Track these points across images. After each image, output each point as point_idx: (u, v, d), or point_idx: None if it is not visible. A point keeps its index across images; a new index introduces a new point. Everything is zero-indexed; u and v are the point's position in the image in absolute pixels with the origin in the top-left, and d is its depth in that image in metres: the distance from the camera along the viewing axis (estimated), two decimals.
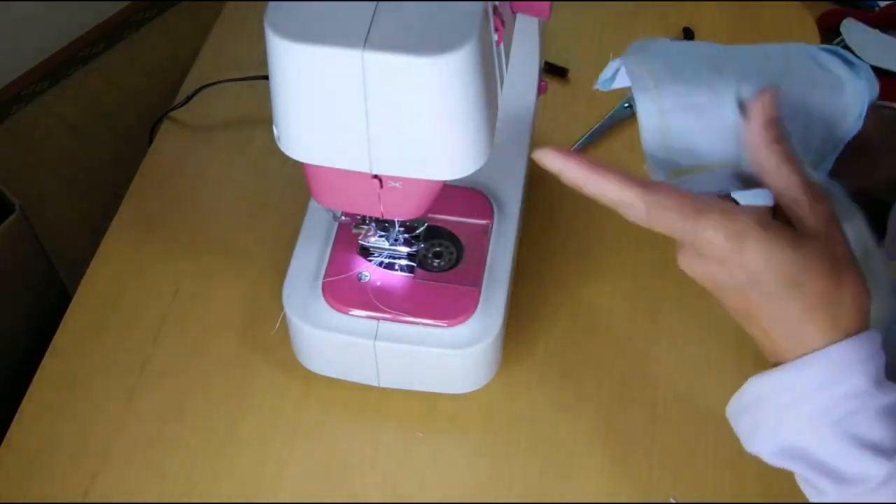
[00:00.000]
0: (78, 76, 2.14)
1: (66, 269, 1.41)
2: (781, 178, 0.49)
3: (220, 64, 0.97)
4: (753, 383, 0.50)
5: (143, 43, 2.22)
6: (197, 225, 0.85)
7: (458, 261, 0.72)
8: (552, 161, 0.50)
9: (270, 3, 0.52)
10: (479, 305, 0.69)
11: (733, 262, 0.48)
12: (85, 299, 0.80)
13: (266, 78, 0.54)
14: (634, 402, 0.74)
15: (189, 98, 0.93)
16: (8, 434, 0.72)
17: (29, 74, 2.11)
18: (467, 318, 0.69)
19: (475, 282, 0.70)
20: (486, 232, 0.74)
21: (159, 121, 0.93)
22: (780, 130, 0.50)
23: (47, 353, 0.76)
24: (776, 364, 0.50)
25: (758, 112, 0.50)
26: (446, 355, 0.68)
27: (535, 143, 0.83)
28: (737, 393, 0.52)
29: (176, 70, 1.09)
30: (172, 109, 0.93)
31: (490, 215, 0.74)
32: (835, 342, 0.47)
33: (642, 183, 0.49)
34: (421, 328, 0.68)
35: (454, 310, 0.69)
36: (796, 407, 0.48)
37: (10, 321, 1.26)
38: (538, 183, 0.81)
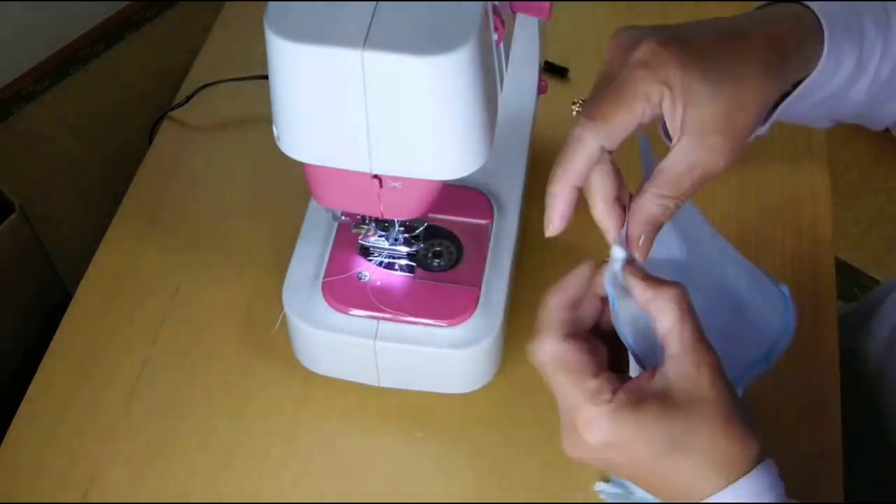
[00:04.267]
0: (78, 76, 2.15)
1: (66, 269, 1.41)
2: (666, 333, 0.48)
3: (220, 64, 0.97)
4: None
5: (143, 43, 2.23)
6: (197, 225, 0.85)
7: (458, 261, 0.72)
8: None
9: (270, 3, 0.52)
10: (479, 305, 0.69)
11: (612, 441, 0.48)
12: (85, 299, 0.80)
13: (266, 78, 0.54)
14: None
15: (189, 98, 0.93)
16: (8, 434, 0.72)
17: (29, 74, 2.11)
18: (467, 317, 0.69)
19: (475, 282, 0.70)
20: (486, 232, 0.74)
21: (159, 121, 0.93)
22: (660, 286, 0.49)
23: (47, 353, 0.76)
24: None
25: (635, 252, 0.51)
26: (446, 355, 0.68)
27: (535, 143, 0.82)
28: None
29: (176, 70, 1.09)
30: (172, 109, 0.93)
31: (490, 215, 0.74)
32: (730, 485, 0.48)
33: (559, 333, 0.50)
34: (421, 328, 0.68)
35: (454, 310, 0.69)
36: None
37: (10, 321, 1.26)
38: (538, 183, 0.81)
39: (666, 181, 0.50)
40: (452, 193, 0.73)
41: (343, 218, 0.70)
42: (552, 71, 0.96)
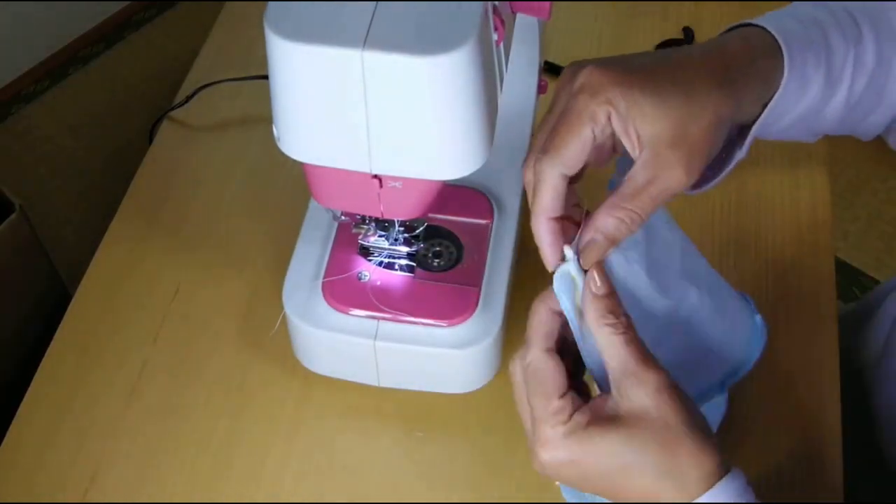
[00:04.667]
0: (78, 76, 2.15)
1: (66, 269, 1.41)
2: (612, 354, 0.50)
3: (220, 64, 0.97)
4: None
5: (143, 43, 2.23)
6: (197, 225, 0.85)
7: (458, 261, 0.72)
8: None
9: (270, 3, 0.52)
10: (479, 305, 0.69)
11: (571, 464, 0.50)
12: (85, 299, 0.80)
13: (266, 78, 0.54)
14: None
15: (189, 98, 0.93)
16: (8, 434, 0.72)
17: (29, 74, 2.11)
18: (467, 317, 0.69)
19: (475, 282, 0.70)
20: (486, 232, 0.74)
21: (159, 121, 0.93)
22: (611, 305, 0.50)
23: (47, 353, 0.76)
24: None
25: (590, 286, 0.51)
26: (446, 355, 0.68)
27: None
28: None
29: (176, 70, 1.09)
30: (172, 109, 0.93)
31: (490, 215, 0.74)
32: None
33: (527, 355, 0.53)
34: (421, 328, 0.68)
35: (454, 310, 0.69)
36: None
37: (10, 321, 1.26)
38: None
39: (622, 193, 0.51)
40: (452, 193, 0.73)
41: (343, 218, 0.70)
42: (552, 71, 0.96)
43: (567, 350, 0.54)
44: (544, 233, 0.52)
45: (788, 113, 0.58)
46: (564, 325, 0.53)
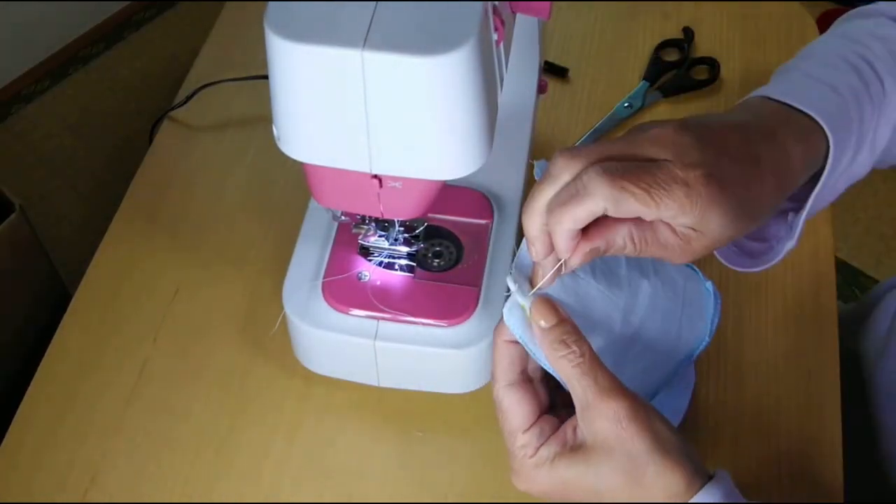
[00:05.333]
0: (78, 76, 2.15)
1: (66, 269, 1.41)
2: (573, 385, 0.50)
3: (220, 64, 0.97)
4: None
5: (143, 43, 2.23)
6: (197, 225, 0.85)
7: (457, 261, 0.72)
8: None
9: (270, 3, 0.52)
10: (479, 305, 0.69)
11: (543, 491, 0.52)
12: (85, 299, 0.80)
13: (266, 78, 0.54)
14: None
15: (189, 98, 0.93)
16: (8, 434, 0.72)
17: (29, 74, 2.11)
18: (467, 317, 0.69)
19: (475, 282, 0.70)
20: (486, 232, 0.74)
21: (159, 121, 0.93)
22: (563, 334, 0.50)
23: (47, 353, 0.76)
24: None
25: (537, 322, 0.51)
26: (446, 355, 0.68)
27: (535, 143, 0.83)
28: None
29: (176, 70, 1.09)
30: (172, 109, 0.93)
31: (490, 215, 0.74)
32: None
33: (511, 381, 0.54)
34: (421, 328, 0.68)
35: (454, 310, 0.69)
36: None
37: (10, 321, 1.26)
38: None
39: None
40: (452, 193, 0.73)
41: (343, 218, 0.70)
42: (552, 71, 0.96)
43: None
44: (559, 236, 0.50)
45: (825, 189, 0.58)
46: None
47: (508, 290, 0.54)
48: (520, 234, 0.76)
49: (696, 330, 0.59)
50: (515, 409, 0.53)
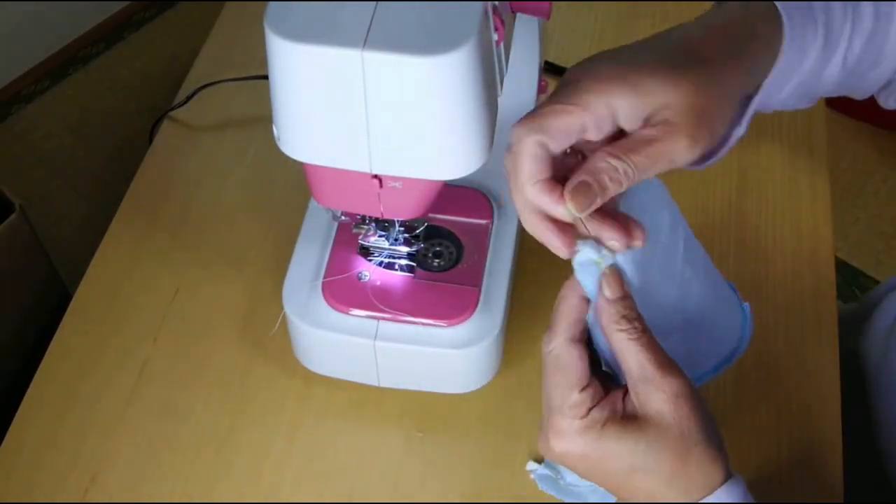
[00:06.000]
0: (78, 76, 2.15)
1: (66, 269, 1.41)
2: (628, 358, 0.49)
3: (220, 64, 0.97)
4: None
5: (143, 43, 2.23)
6: (197, 225, 0.85)
7: (458, 260, 0.72)
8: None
9: (270, 3, 0.52)
10: (479, 305, 0.69)
11: (583, 456, 0.50)
12: (85, 299, 0.80)
13: (266, 78, 0.54)
14: None
15: (189, 98, 0.93)
16: (8, 434, 0.72)
17: (29, 74, 2.11)
18: (467, 317, 0.69)
19: (475, 282, 0.70)
20: (486, 232, 0.74)
21: (159, 121, 0.93)
22: (625, 309, 0.50)
23: (47, 353, 0.76)
24: None
25: (603, 291, 0.51)
26: (446, 355, 0.68)
27: None
28: None
29: (176, 70, 1.09)
30: (172, 109, 0.93)
31: (490, 215, 0.74)
32: None
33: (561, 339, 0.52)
34: (421, 328, 0.68)
35: (454, 310, 0.69)
36: None
37: (10, 321, 1.26)
38: None
39: (621, 144, 0.48)
40: (452, 193, 0.73)
41: (343, 218, 0.70)
42: (552, 71, 0.96)
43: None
44: (531, 221, 0.50)
45: (789, 81, 0.57)
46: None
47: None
48: (520, 234, 0.77)
49: (726, 344, 0.59)
50: (577, 364, 0.51)
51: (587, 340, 0.53)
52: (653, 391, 0.49)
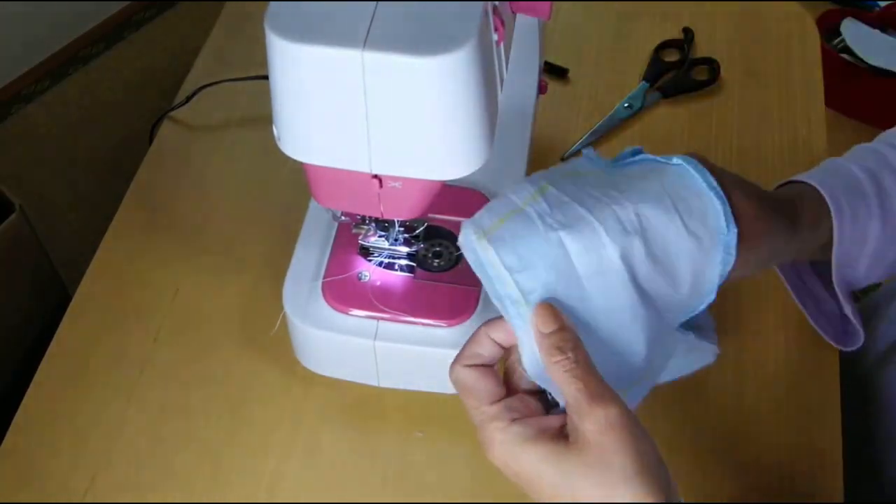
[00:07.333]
0: (78, 76, 2.15)
1: (66, 269, 1.41)
2: (563, 388, 0.50)
3: (220, 64, 0.97)
4: None
5: (143, 43, 2.23)
6: (197, 225, 0.85)
7: (458, 261, 0.72)
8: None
9: (270, 3, 0.52)
10: (480, 305, 0.69)
11: (509, 467, 0.51)
12: (85, 299, 0.80)
13: (266, 78, 0.54)
14: None
15: (189, 98, 0.93)
16: (8, 435, 0.72)
17: (29, 74, 2.11)
18: (467, 318, 0.69)
19: (475, 282, 0.70)
20: None
21: (159, 121, 0.93)
22: (560, 341, 0.50)
23: (47, 354, 0.76)
24: None
25: (535, 325, 0.51)
26: (446, 355, 0.68)
27: (535, 143, 0.83)
28: None
29: (176, 70, 1.09)
30: (172, 109, 0.93)
31: None
32: None
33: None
34: (421, 328, 0.68)
35: (454, 310, 0.69)
36: None
37: (9, 321, 1.26)
38: None
39: None
40: (452, 193, 0.73)
41: (343, 218, 0.70)
42: (552, 71, 0.96)
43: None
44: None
45: (859, 260, 0.63)
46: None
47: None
48: None
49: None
50: (478, 381, 0.53)
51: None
52: (583, 421, 0.48)
